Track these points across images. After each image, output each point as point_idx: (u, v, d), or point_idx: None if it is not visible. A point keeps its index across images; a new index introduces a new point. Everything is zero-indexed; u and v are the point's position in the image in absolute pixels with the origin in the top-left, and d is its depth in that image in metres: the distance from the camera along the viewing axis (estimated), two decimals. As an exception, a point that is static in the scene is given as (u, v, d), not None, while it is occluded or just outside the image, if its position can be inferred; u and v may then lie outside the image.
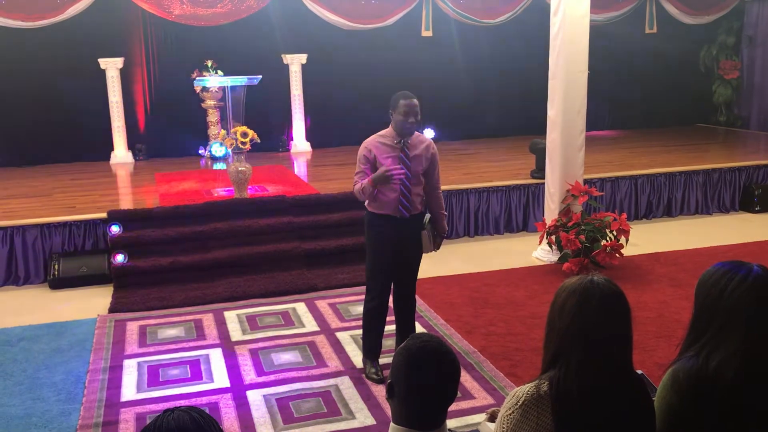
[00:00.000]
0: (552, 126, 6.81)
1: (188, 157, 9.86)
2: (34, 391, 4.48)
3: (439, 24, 10.66)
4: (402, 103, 4.31)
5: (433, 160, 4.53)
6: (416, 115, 4.34)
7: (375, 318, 4.58)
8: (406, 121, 4.31)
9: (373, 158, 4.37)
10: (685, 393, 2.02)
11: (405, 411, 1.82)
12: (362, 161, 4.41)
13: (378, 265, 4.49)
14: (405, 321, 4.70)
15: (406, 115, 4.30)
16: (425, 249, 4.55)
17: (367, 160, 4.39)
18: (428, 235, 4.51)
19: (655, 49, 11.78)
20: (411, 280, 4.66)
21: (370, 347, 4.62)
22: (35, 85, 9.48)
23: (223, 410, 4.18)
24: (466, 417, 4.02)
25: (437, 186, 4.59)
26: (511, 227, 7.96)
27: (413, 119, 4.33)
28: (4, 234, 6.54)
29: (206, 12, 9.53)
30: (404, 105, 4.30)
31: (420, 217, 4.51)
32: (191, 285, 6.25)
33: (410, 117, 4.31)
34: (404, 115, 4.30)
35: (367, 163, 4.39)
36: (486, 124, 11.39)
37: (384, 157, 4.35)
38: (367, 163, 4.39)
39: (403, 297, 4.67)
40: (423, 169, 4.46)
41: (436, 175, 4.57)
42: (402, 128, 4.34)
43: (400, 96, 4.36)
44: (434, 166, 4.54)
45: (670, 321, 5.33)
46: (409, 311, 4.71)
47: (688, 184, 8.59)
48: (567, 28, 6.48)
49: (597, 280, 2.00)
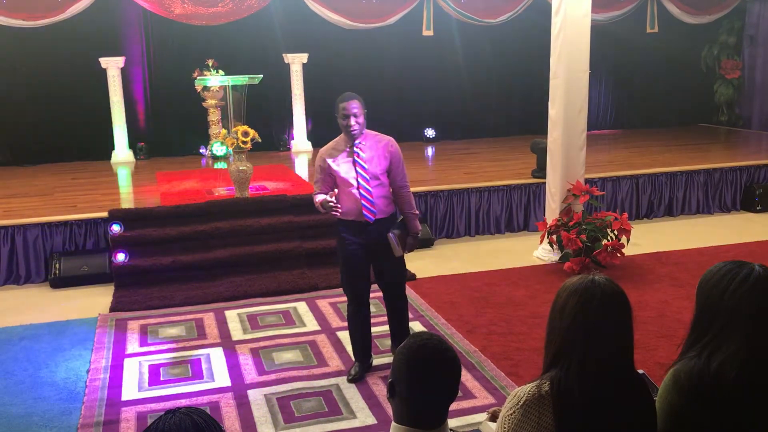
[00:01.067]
0: (553, 125, 6.80)
1: (189, 157, 9.87)
2: (36, 390, 4.48)
3: (440, 23, 10.66)
4: (340, 107, 4.23)
5: (394, 158, 4.39)
6: (357, 116, 4.21)
7: (354, 323, 4.57)
8: (348, 124, 4.22)
9: (327, 167, 4.33)
10: (687, 393, 2.02)
11: (406, 410, 1.82)
12: (318, 171, 4.38)
13: (349, 271, 4.45)
14: (397, 323, 4.67)
15: (345, 117, 4.22)
16: (394, 252, 4.40)
17: (322, 170, 4.36)
18: (393, 237, 4.35)
19: (657, 48, 11.77)
20: (395, 282, 4.60)
21: (354, 350, 4.66)
22: (36, 85, 9.49)
23: (224, 409, 4.18)
24: (467, 416, 4.02)
25: (403, 184, 4.47)
26: (512, 227, 7.96)
27: (354, 120, 4.21)
28: (6, 233, 6.54)
29: (207, 11, 9.53)
30: (342, 108, 4.22)
31: (392, 219, 4.45)
32: (192, 284, 6.25)
33: (350, 119, 4.20)
34: (344, 118, 4.22)
35: (323, 173, 4.36)
36: (487, 124, 11.40)
37: (337, 164, 4.31)
38: (322, 173, 4.36)
39: (391, 299, 4.63)
40: (383, 170, 4.35)
41: (401, 173, 4.43)
42: (346, 131, 4.27)
43: (339, 99, 4.27)
44: (397, 165, 4.40)
45: (671, 321, 5.32)
46: (399, 313, 4.66)
47: (690, 183, 8.58)
48: (568, 27, 6.47)
49: (598, 280, 2.00)
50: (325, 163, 4.34)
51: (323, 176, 4.36)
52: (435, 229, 7.65)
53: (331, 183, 4.36)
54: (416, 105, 10.99)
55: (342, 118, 4.23)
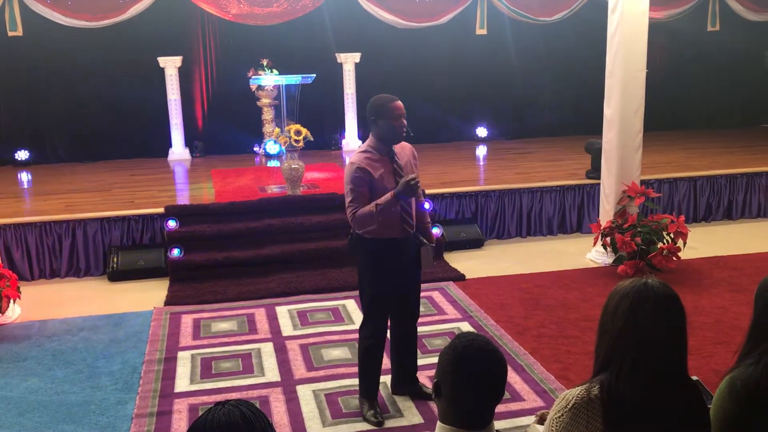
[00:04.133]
0: (609, 125, 6.68)
1: (243, 155, 10.01)
2: (93, 380, 4.62)
3: (494, 22, 10.58)
4: (393, 106, 3.86)
5: (417, 165, 4.12)
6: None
7: (375, 356, 4.11)
8: (402, 125, 3.88)
9: (369, 178, 3.84)
10: (743, 401, 1.97)
11: (452, 410, 1.81)
12: (358, 184, 3.82)
13: (383, 297, 4.02)
14: (413, 350, 4.29)
15: (398, 118, 3.87)
16: (426, 266, 4.09)
17: (362, 182, 3.82)
18: (431, 250, 4.07)
19: (718, 47, 11.44)
20: (417, 304, 4.25)
21: (369, 387, 4.14)
22: (96, 83, 9.77)
23: (273, 404, 4.24)
24: (515, 419, 3.99)
25: (421, 194, 4.17)
26: (565, 228, 7.85)
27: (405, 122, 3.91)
28: (67, 227, 6.76)
29: (262, 11, 9.67)
30: (396, 108, 3.87)
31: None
32: (244, 280, 6.35)
33: (403, 119, 3.90)
34: (397, 119, 3.86)
35: (364, 185, 3.83)
36: (541, 124, 11.26)
37: (378, 175, 3.86)
38: (363, 186, 3.83)
39: (409, 321, 4.23)
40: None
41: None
42: (397, 134, 3.89)
43: (386, 99, 3.90)
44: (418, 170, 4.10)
45: (728, 327, 5.17)
46: (414, 338, 4.28)
47: (750, 186, 8.32)
48: (625, 25, 6.35)
49: (651, 283, 1.96)
50: (368, 174, 3.84)
51: (365, 189, 3.83)
52: (486, 230, 7.60)
53: (368, 197, 3.85)
54: (468, 104, 10.94)
55: (394, 119, 3.86)
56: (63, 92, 9.82)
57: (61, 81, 9.77)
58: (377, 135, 3.92)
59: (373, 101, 3.96)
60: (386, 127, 3.88)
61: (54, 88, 9.80)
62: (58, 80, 9.77)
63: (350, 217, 3.87)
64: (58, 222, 6.75)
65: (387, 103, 3.89)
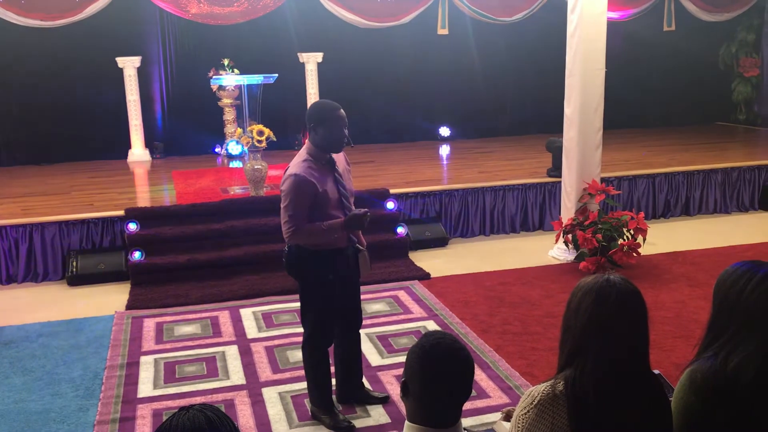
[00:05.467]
0: (569, 124, 6.77)
1: (205, 156, 9.90)
2: (53, 387, 4.53)
3: (456, 22, 10.62)
4: (337, 115, 3.71)
5: (350, 170, 4.04)
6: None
7: (326, 369, 4.02)
8: (344, 135, 3.75)
9: (313, 192, 3.69)
10: (703, 393, 2.00)
11: (420, 409, 1.81)
12: (303, 198, 3.67)
13: (328, 308, 3.91)
14: (357, 357, 4.21)
15: (343, 128, 3.74)
16: (366, 271, 3.99)
17: (307, 197, 3.68)
18: (365, 254, 3.96)
19: (674, 46, 11.66)
20: (359, 311, 4.16)
21: (327, 397, 4.04)
22: (53, 84, 9.57)
23: (239, 407, 4.20)
24: (481, 416, 4.01)
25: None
26: (527, 226, 7.93)
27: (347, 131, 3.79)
28: (24, 231, 6.61)
29: (223, 11, 9.57)
30: (340, 117, 3.72)
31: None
32: (207, 282, 6.28)
33: (345, 129, 3.76)
34: (341, 129, 3.73)
35: (308, 199, 3.69)
36: (502, 123, 11.37)
37: (323, 188, 3.72)
38: (307, 199, 3.69)
39: (351, 328, 4.14)
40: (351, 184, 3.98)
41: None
42: (339, 143, 3.76)
43: (330, 107, 3.76)
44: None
45: (687, 321, 5.28)
46: (358, 345, 4.20)
47: (707, 183, 8.50)
48: (584, 25, 6.44)
49: (613, 279, 1.99)
50: (313, 188, 3.68)
51: (306, 203, 3.68)
52: (450, 228, 7.64)
53: (308, 211, 3.71)
54: (430, 104, 10.97)
55: (339, 129, 3.72)
56: (18, 93, 9.59)
57: (17, 82, 9.54)
58: (316, 142, 3.77)
59: (315, 107, 3.83)
60: (328, 136, 3.73)
61: (9, 88, 9.56)
62: (13, 81, 9.54)
63: (289, 231, 3.71)
64: (14, 226, 6.59)
65: (331, 111, 3.74)
